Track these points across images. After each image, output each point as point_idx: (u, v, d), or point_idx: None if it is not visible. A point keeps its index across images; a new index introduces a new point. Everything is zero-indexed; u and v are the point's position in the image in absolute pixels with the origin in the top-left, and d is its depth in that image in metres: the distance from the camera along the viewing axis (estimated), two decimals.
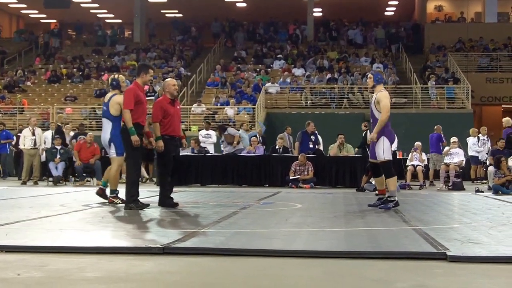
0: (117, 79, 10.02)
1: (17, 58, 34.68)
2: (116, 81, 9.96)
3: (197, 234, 6.23)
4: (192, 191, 14.10)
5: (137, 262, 4.86)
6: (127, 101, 9.18)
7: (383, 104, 9.29)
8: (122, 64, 31.65)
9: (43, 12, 39.45)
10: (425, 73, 28.86)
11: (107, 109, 9.72)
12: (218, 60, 31.83)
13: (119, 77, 10.12)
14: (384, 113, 9.29)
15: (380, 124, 9.32)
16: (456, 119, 24.78)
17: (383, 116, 9.29)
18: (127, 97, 9.23)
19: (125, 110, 9.16)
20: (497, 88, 29.87)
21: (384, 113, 9.29)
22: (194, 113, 25.16)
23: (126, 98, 9.24)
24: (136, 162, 9.43)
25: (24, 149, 17.96)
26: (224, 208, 9.32)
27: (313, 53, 32.10)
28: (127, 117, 9.10)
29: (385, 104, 9.29)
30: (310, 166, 16.53)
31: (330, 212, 8.97)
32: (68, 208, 9.20)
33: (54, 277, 4.30)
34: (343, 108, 26.27)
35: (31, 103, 27.10)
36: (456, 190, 15.66)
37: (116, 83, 9.93)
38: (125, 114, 9.15)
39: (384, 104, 9.29)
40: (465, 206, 10.50)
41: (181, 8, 38.58)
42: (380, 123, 9.32)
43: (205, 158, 17.51)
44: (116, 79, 10.01)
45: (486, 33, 32.50)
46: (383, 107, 9.28)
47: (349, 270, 4.67)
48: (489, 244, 5.65)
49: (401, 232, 6.57)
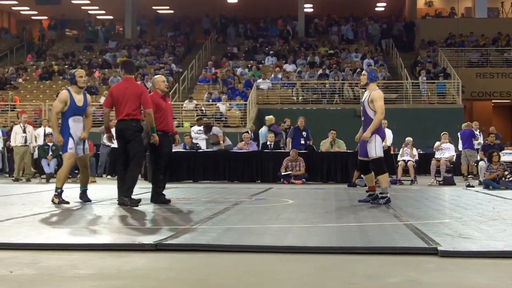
0: (73, 73, 9.56)
1: (8, 55, 34.56)
2: (71, 76, 9.57)
3: (189, 230, 6.24)
4: (184, 188, 14.09)
5: (129, 258, 4.87)
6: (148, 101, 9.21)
7: (378, 105, 9.34)
8: (113, 60, 31.59)
9: (34, 9, 39.28)
10: (416, 69, 28.94)
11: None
12: (210, 56, 31.81)
13: (77, 71, 9.60)
14: (379, 114, 9.35)
15: (375, 124, 9.38)
16: (447, 114, 24.92)
17: (378, 116, 9.35)
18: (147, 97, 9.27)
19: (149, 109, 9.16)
20: (488, 83, 30.01)
21: (379, 114, 9.35)
22: (186, 109, 25.15)
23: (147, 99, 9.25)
24: (142, 161, 9.52)
25: (14, 146, 17.90)
26: (216, 204, 9.33)
27: (304, 49, 32.12)
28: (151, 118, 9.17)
29: (380, 105, 9.36)
30: (302, 162, 16.55)
31: (322, 207, 8.99)
32: (61, 205, 9.17)
33: (47, 274, 4.31)
34: (334, 104, 26.32)
35: (23, 100, 27.02)
36: (447, 185, 15.74)
37: (71, 78, 9.55)
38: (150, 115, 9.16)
39: (380, 105, 9.35)
40: (456, 201, 10.54)
41: (172, 4, 38.50)
42: (375, 123, 9.38)
43: (197, 154, 17.51)
44: (72, 74, 9.56)
45: (476, 28, 32.62)
46: (378, 108, 9.33)
47: (340, 266, 4.69)
48: (480, 239, 5.69)
49: (392, 228, 6.61)
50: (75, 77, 9.43)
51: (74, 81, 9.46)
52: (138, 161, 9.29)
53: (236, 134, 21.70)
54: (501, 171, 14.32)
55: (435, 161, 16.70)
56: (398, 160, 17.18)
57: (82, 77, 9.50)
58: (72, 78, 9.50)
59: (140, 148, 9.28)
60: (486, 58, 30.53)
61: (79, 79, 9.43)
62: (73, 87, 9.49)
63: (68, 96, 9.38)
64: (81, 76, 9.49)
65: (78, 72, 9.55)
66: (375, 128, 9.40)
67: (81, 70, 9.91)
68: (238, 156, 17.49)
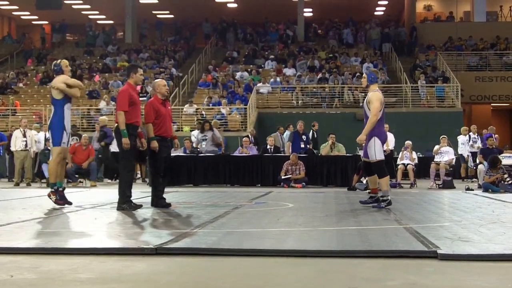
0: (58, 64, 9.64)
1: (9, 60, 34.61)
2: (57, 66, 9.63)
3: (189, 234, 6.25)
4: (184, 192, 14.10)
5: (129, 262, 4.88)
6: (121, 103, 9.05)
7: (373, 106, 9.34)
8: (113, 65, 31.64)
9: (35, 14, 39.34)
10: (415, 73, 28.98)
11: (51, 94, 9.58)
12: (210, 60, 31.85)
13: (62, 61, 9.72)
14: (372, 115, 9.33)
15: (368, 126, 9.36)
16: (446, 118, 24.96)
17: (371, 118, 9.33)
18: (121, 98, 9.10)
19: (119, 112, 9.03)
20: (486, 86, 30.02)
21: (372, 116, 9.33)
22: (186, 113, 25.17)
23: (120, 99, 9.12)
24: (130, 163, 9.41)
25: (15, 151, 17.91)
26: (216, 208, 9.34)
27: (304, 53, 32.16)
28: (121, 119, 8.97)
29: (375, 107, 9.34)
30: (302, 165, 16.57)
31: (322, 211, 9.00)
32: (61, 209, 9.19)
33: (47, 279, 4.32)
34: (334, 108, 26.34)
35: (23, 104, 27.05)
36: (447, 188, 15.75)
37: (58, 68, 9.61)
38: (119, 116, 8.99)
39: (375, 107, 9.34)
40: (455, 204, 10.55)
41: (172, 9, 38.54)
42: (369, 125, 9.36)
43: (197, 158, 17.52)
44: (58, 64, 9.66)
45: (475, 32, 32.67)
46: (372, 109, 9.33)
47: (340, 269, 4.70)
48: (479, 242, 5.70)
49: (392, 231, 6.61)
50: (62, 67, 9.58)
51: (61, 71, 9.58)
52: (123, 165, 9.28)
53: (236, 138, 21.71)
54: (501, 174, 14.33)
55: (435, 164, 16.71)
56: (398, 164, 17.20)
57: (68, 67, 9.68)
58: (59, 68, 9.59)
59: (124, 151, 9.16)
60: (485, 62, 30.55)
61: (65, 68, 9.60)
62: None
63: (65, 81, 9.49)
64: (67, 66, 9.68)
65: (63, 62, 9.69)
66: (369, 130, 9.38)
67: (65, 60, 10.01)
68: (238, 160, 17.50)
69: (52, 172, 9.51)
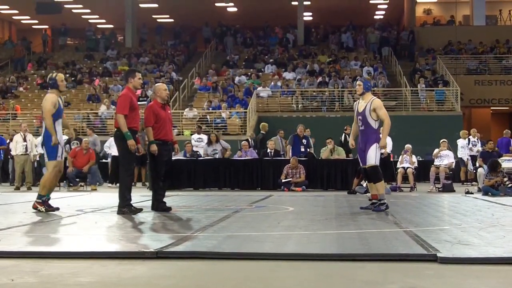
0: (54, 77, 9.41)
1: (9, 64, 34.64)
2: (53, 80, 9.39)
3: (190, 238, 6.26)
4: (184, 195, 14.11)
5: (130, 266, 4.89)
6: (121, 106, 9.06)
7: (383, 112, 9.65)
8: (114, 69, 31.66)
9: (35, 18, 39.39)
10: (415, 76, 29.01)
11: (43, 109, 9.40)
12: (210, 64, 31.88)
13: (57, 75, 9.50)
14: (387, 120, 9.62)
15: (386, 130, 9.66)
16: (445, 122, 24.97)
17: (388, 122, 9.61)
18: (121, 102, 9.11)
19: (119, 115, 9.05)
20: (486, 90, 30.04)
21: (388, 120, 9.62)
22: (186, 117, 25.20)
23: (120, 103, 9.13)
24: (129, 167, 9.43)
25: (15, 155, 17.91)
26: (216, 212, 9.35)
27: (304, 57, 32.19)
28: (122, 122, 8.99)
29: (385, 112, 9.69)
30: (302, 169, 16.58)
31: (322, 214, 9.01)
32: (62, 213, 9.20)
33: (48, 282, 4.33)
34: (334, 112, 26.37)
35: (24, 108, 27.07)
36: (446, 191, 15.76)
37: (53, 82, 9.41)
38: (119, 119, 9.01)
39: (385, 112, 9.68)
40: (455, 207, 10.56)
41: (172, 13, 38.60)
42: (386, 129, 9.66)
43: (198, 162, 17.54)
44: (53, 78, 9.40)
45: (474, 36, 32.70)
46: (383, 115, 9.62)
47: (340, 272, 4.71)
48: (479, 246, 5.71)
49: (392, 234, 6.63)
50: (57, 82, 9.39)
51: (56, 85, 9.41)
52: (123, 168, 9.30)
53: (236, 141, 21.72)
54: (500, 177, 14.35)
55: (434, 168, 16.73)
56: (398, 167, 17.21)
57: (63, 81, 9.53)
58: (54, 82, 9.40)
59: (124, 155, 9.20)
60: (484, 65, 30.58)
61: (60, 83, 9.43)
62: (54, 91, 9.43)
63: (57, 99, 9.35)
64: (62, 80, 9.50)
65: (59, 76, 9.48)
66: (387, 134, 9.74)
67: (61, 74, 9.79)
68: (238, 163, 17.52)
69: (46, 185, 9.49)
